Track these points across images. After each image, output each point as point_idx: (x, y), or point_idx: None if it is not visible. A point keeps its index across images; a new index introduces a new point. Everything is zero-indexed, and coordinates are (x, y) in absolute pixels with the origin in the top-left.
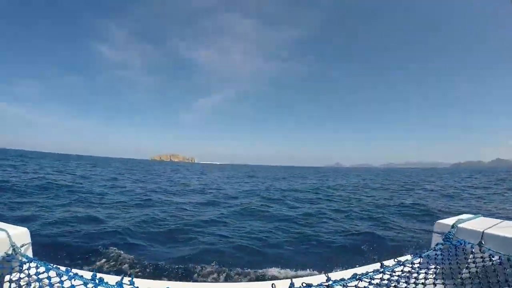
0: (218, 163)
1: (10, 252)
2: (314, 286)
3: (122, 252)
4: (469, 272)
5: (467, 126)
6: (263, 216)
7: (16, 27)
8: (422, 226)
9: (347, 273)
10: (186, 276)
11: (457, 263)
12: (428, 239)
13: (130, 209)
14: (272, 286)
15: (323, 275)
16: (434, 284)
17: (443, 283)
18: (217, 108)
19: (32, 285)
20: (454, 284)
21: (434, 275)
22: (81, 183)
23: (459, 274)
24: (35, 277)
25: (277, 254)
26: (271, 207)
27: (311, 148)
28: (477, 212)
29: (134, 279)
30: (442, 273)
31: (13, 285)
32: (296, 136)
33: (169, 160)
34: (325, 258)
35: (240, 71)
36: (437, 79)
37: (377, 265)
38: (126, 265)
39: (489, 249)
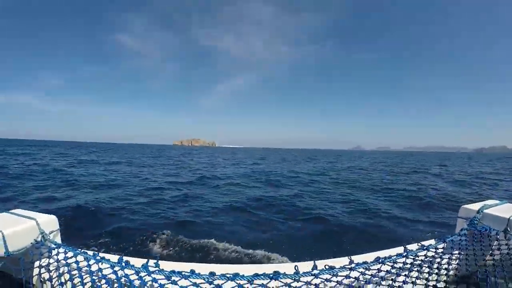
0: (239, 147)
1: (39, 239)
2: (337, 268)
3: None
4: (493, 259)
5: (492, 110)
6: (228, 195)
7: (39, 22)
8: (399, 213)
9: (369, 256)
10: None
11: (481, 249)
12: (393, 228)
13: (102, 188)
14: (295, 267)
15: (346, 257)
16: (457, 270)
17: (466, 269)
18: (238, 93)
19: (61, 269)
20: (478, 271)
21: (457, 261)
22: (77, 167)
23: (483, 261)
24: (63, 262)
25: (194, 230)
26: (250, 187)
27: (333, 132)
28: (485, 198)
29: (159, 262)
30: (466, 259)
31: (43, 270)
32: (318, 120)
33: (190, 144)
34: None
35: (259, 57)
36: (464, 60)
37: (400, 249)
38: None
39: None
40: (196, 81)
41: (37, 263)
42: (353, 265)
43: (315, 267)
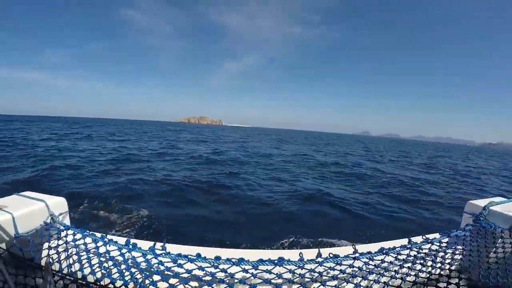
0: (246, 126)
1: (48, 221)
2: (341, 257)
3: None
4: (497, 257)
5: (506, 109)
6: (167, 169)
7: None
8: (338, 201)
9: (374, 247)
10: None
11: (485, 246)
12: (307, 218)
13: (51, 158)
14: (300, 254)
15: (350, 247)
16: (460, 265)
17: (469, 265)
18: (247, 72)
19: (70, 251)
20: (480, 267)
21: (461, 256)
22: (48, 141)
23: (487, 258)
24: (72, 243)
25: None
26: (202, 163)
27: (341, 115)
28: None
29: (166, 245)
30: (469, 255)
31: (52, 251)
32: (326, 103)
33: (197, 122)
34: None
35: (269, 36)
36: (480, 54)
37: (404, 241)
38: None
39: None
40: (205, 60)
41: (46, 245)
42: (357, 254)
43: (319, 255)
